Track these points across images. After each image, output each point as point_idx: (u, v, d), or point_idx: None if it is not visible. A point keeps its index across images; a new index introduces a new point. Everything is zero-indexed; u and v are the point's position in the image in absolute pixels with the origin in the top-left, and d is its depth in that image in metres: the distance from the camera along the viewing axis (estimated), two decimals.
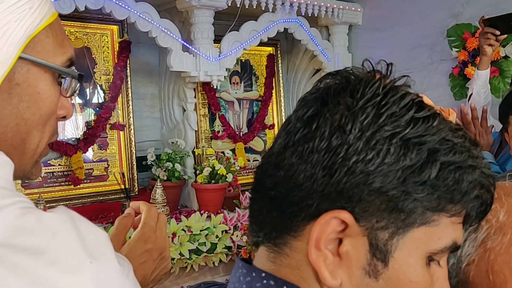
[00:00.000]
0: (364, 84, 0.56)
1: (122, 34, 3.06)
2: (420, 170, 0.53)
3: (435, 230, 0.55)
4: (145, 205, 1.00)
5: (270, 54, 3.78)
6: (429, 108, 0.56)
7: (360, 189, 0.53)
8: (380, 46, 3.47)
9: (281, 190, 0.56)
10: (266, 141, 3.78)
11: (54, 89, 0.68)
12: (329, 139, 0.54)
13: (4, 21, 0.61)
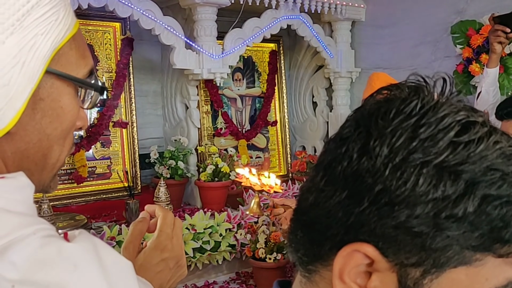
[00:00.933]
0: (400, 102, 0.50)
1: (124, 31, 3.04)
2: (454, 204, 0.47)
3: (479, 270, 0.49)
4: (161, 210, 0.98)
5: (273, 50, 3.76)
6: (479, 130, 0.48)
7: (384, 222, 0.48)
8: (383, 42, 3.46)
9: (311, 215, 0.54)
10: (268, 138, 3.77)
11: (75, 102, 0.67)
12: (357, 164, 0.50)
13: (31, 34, 0.59)
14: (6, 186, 0.57)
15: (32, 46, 0.59)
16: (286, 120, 3.84)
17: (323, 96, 3.77)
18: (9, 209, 0.55)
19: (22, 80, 0.58)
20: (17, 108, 0.59)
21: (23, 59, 0.58)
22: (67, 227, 2.50)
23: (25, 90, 0.59)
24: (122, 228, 2.43)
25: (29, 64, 0.59)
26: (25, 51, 0.58)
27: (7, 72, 0.57)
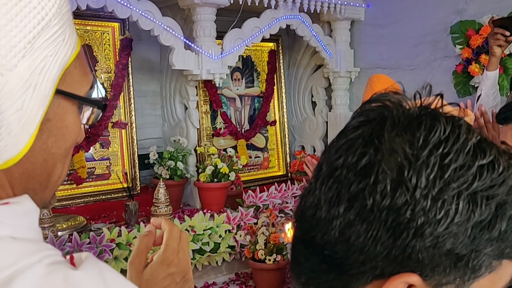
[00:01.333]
0: (424, 128, 0.52)
1: (123, 31, 3.03)
2: (490, 225, 0.50)
3: (497, 273, 0.54)
4: (167, 224, 0.96)
5: (272, 50, 3.76)
6: (489, 148, 0.52)
7: (431, 252, 0.50)
8: (383, 42, 3.45)
9: (337, 250, 0.53)
10: (267, 138, 3.76)
11: (79, 120, 0.66)
12: (392, 196, 0.49)
13: (41, 56, 0.57)
14: (11, 212, 0.57)
15: (43, 68, 0.58)
16: (285, 120, 3.84)
17: (322, 95, 3.77)
18: (15, 236, 0.55)
19: (35, 103, 0.58)
20: (31, 132, 0.58)
21: (35, 82, 0.57)
22: (66, 229, 2.50)
23: (38, 113, 0.58)
24: (122, 230, 2.43)
25: (40, 87, 0.58)
26: (36, 73, 0.57)
27: (20, 96, 0.56)
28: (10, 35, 0.54)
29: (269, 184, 3.38)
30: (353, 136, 0.54)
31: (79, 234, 2.39)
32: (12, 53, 0.55)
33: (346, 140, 0.54)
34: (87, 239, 2.30)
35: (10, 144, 0.57)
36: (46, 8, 0.58)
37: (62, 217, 2.65)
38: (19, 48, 0.55)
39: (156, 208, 2.68)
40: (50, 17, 0.59)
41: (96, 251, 2.28)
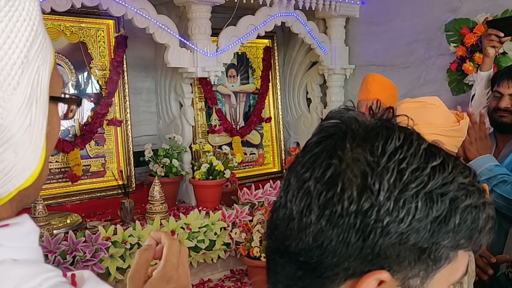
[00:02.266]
0: (381, 138, 0.57)
1: (118, 28, 3.02)
2: (446, 219, 0.55)
3: (455, 264, 0.59)
4: (167, 238, 0.95)
5: (267, 46, 3.76)
6: (437, 150, 0.59)
7: (397, 248, 0.54)
8: (377, 39, 3.46)
9: (312, 255, 0.56)
10: (263, 134, 3.77)
11: (59, 119, 0.66)
12: (359, 201, 0.54)
13: (35, 68, 0.57)
14: (11, 235, 0.57)
15: (38, 80, 0.57)
16: (280, 117, 3.85)
17: (317, 92, 3.78)
18: (16, 258, 0.55)
19: (39, 116, 0.58)
20: (42, 146, 0.59)
21: (35, 95, 0.57)
22: (62, 227, 2.50)
23: (43, 126, 0.59)
24: (117, 228, 2.44)
25: (39, 99, 0.58)
26: (35, 86, 0.57)
27: (27, 113, 0.56)
28: (9, 54, 0.53)
29: (264, 181, 3.39)
30: (317, 151, 0.59)
31: (74, 232, 2.40)
32: (13, 71, 0.54)
33: (311, 155, 0.59)
34: (83, 238, 2.30)
35: (28, 161, 0.57)
36: (33, 18, 0.57)
37: (57, 215, 2.66)
38: (18, 64, 0.54)
39: (151, 206, 2.69)
40: (37, 26, 0.58)
41: (92, 249, 2.29)
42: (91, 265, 2.27)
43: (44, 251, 2.16)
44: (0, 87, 0.53)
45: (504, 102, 2.22)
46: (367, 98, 2.41)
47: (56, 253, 2.20)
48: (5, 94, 0.53)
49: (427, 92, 3.20)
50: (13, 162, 0.56)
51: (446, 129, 1.76)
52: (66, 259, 2.21)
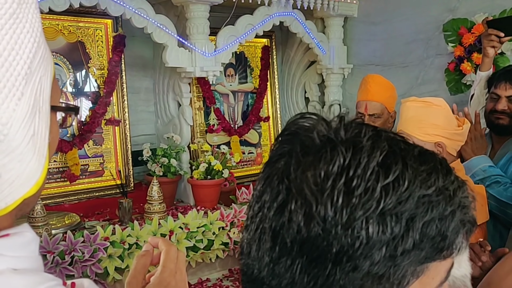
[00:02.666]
0: (325, 162, 0.53)
1: (116, 28, 3.02)
2: (403, 240, 0.52)
3: (428, 274, 0.55)
4: (165, 244, 0.96)
5: (265, 46, 3.76)
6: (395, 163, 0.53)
7: (351, 276, 0.51)
8: (376, 39, 3.46)
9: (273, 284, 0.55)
10: (261, 134, 3.77)
11: (58, 128, 0.67)
12: (307, 230, 0.52)
13: (37, 78, 0.58)
14: (11, 245, 0.57)
15: (41, 90, 0.58)
16: (278, 116, 3.85)
17: (315, 91, 3.78)
18: (16, 268, 0.56)
19: (42, 125, 0.59)
20: (45, 155, 0.60)
21: (38, 105, 0.58)
22: (60, 227, 2.50)
23: (46, 135, 0.59)
24: (115, 228, 2.44)
25: (42, 109, 0.58)
26: (38, 96, 0.58)
27: (31, 123, 0.56)
28: (13, 65, 0.54)
29: None
30: (270, 172, 0.57)
31: (73, 232, 2.40)
32: (18, 82, 0.55)
33: (267, 176, 0.57)
34: (81, 238, 2.30)
35: (33, 170, 0.58)
36: (35, 30, 0.58)
37: (55, 215, 2.66)
38: (22, 75, 0.55)
39: (149, 205, 2.69)
40: (39, 37, 0.59)
41: (90, 249, 2.29)
42: (90, 265, 2.27)
43: (42, 251, 2.16)
44: (6, 98, 0.54)
45: (501, 104, 2.22)
46: (366, 98, 2.42)
47: (55, 253, 2.19)
48: (10, 105, 0.54)
49: (425, 92, 3.21)
50: (18, 171, 0.56)
51: (450, 132, 1.77)
52: (65, 259, 2.21)
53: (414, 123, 1.81)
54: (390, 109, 2.41)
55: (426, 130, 1.78)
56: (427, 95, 3.26)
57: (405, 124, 1.84)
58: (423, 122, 1.79)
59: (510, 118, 2.23)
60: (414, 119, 1.81)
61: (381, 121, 2.38)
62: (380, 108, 2.38)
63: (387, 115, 2.40)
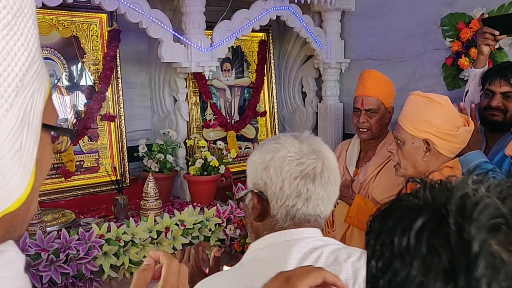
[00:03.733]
0: None
1: (111, 22, 2.99)
2: None
3: None
4: (166, 258, 0.93)
5: (262, 40, 3.73)
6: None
7: None
8: (373, 33, 3.44)
9: None
10: (258, 128, 3.76)
11: (51, 150, 0.66)
12: None
13: (30, 93, 0.57)
14: None
15: (32, 105, 0.57)
16: (275, 111, 3.83)
17: (313, 86, 3.76)
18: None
19: (30, 140, 0.57)
20: (31, 171, 0.58)
21: (28, 119, 0.56)
22: (55, 224, 2.48)
23: (33, 150, 0.58)
24: (111, 225, 2.42)
25: (32, 124, 0.57)
26: (28, 111, 0.56)
27: (18, 136, 0.55)
28: (4, 75, 0.53)
29: None
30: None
31: (68, 230, 2.39)
32: (7, 93, 0.54)
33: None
34: (76, 236, 2.29)
35: (16, 185, 0.56)
36: (30, 45, 0.57)
37: (50, 211, 2.64)
38: (12, 87, 0.54)
39: (145, 202, 2.67)
40: (34, 52, 0.58)
41: (85, 247, 2.27)
42: (85, 263, 2.26)
43: (37, 249, 2.15)
44: None
45: (495, 100, 2.20)
46: (363, 94, 2.40)
47: (49, 251, 2.18)
48: None
49: (423, 87, 3.18)
50: (1, 184, 0.55)
51: (442, 132, 1.74)
52: (59, 257, 2.20)
53: (407, 117, 1.81)
54: (387, 105, 2.39)
55: (416, 125, 1.77)
56: (424, 90, 3.21)
57: (401, 116, 1.85)
58: (416, 117, 1.78)
59: (504, 114, 2.21)
60: (409, 112, 1.81)
61: (377, 117, 2.36)
62: (377, 104, 2.36)
63: (384, 111, 2.38)
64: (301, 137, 1.20)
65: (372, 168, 2.32)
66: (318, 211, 1.17)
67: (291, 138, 1.18)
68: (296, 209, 1.15)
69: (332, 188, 1.18)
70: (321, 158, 1.16)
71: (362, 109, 2.37)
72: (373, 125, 2.35)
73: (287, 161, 1.14)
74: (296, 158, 1.15)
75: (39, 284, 2.14)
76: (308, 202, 1.15)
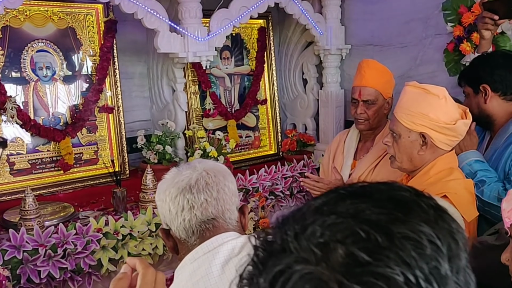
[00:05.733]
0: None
1: (107, 13, 2.96)
2: None
3: None
4: (141, 266, 0.92)
5: (261, 27, 3.68)
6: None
7: None
8: (374, 18, 3.38)
9: None
10: (258, 117, 3.73)
11: None
12: None
13: None
14: None
15: None
16: (276, 98, 3.79)
17: (313, 73, 3.71)
18: None
19: None
20: None
21: None
22: (54, 218, 2.48)
23: None
24: (109, 219, 2.42)
25: None
26: None
27: None
28: None
29: (261, 164, 3.36)
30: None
31: (66, 223, 2.39)
32: None
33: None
34: (74, 230, 2.28)
35: None
36: None
37: (50, 205, 2.64)
38: None
39: (144, 194, 2.66)
40: None
41: (83, 241, 2.27)
42: (83, 258, 2.26)
43: (34, 245, 2.15)
44: None
45: (464, 103, 2.16)
46: (360, 84, 2.36)
47: (47, 246, 2.18)
48: None
49: (424, 73, 3.14)
50: None
51: (438, 125, 1.70)
52: (57, 252, 2.20)
53: (403, 109, 1.75)
54: (386, 95, 2.34)
55: (412, 119, 1.72)
56: (425, 76, 3.20)
57: (397, 108, 1.79)
58: (412, 110, 1.73)
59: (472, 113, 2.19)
60: (405, 104, 1.75)
61: (375, 108, 2.32)
62: (375, 94, 2.31)
63: (382, 101, 2.33)
64: (186, 164, 1.27)
65: (370, 161, 2.29)
66: (210, 215, 1.19)
67: (174, 169, 1.27)
68: (189, 222, 1.19)
69: (215, 189, 1.20)
70: (196, 170, 1.21)
71: (360, 100, 2.33)
72: (370, 116, 2.31)
73: (165, 186, 1.21)
74: (172, 180, 1.20)
75: (38, 279, 2.15)
76: (193, 210, 1.18)
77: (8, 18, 2.67)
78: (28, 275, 2.13)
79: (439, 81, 2.74)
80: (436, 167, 1.75)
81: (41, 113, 2.79)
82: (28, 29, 2.75)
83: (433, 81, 2.92)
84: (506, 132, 2.10)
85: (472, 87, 2.18)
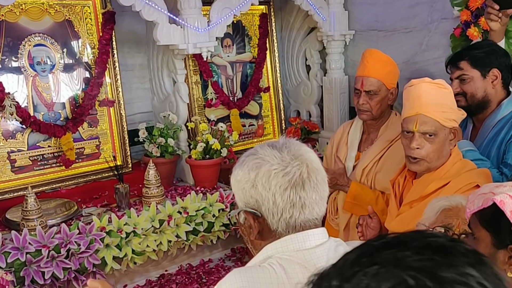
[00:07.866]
0: None
1: (104, 4, 2.89)
2: None
3: None
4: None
5: (263, 13, 3.60)
6: None
7: None
8: (378, 3, 3.29)
9: None
10: (261, 104, 3.67)
11: None
12: None
13: None
14: None
15: None
16: (279, 85, 3.73)
17: (317, 59, 3.65)
18: None
19: None
20: None
21: None
22: (57, 217, 2.46)
23: None
24: (112, 217, 2.39)
25: None
26: None
27: None
28: None
29: None
30: None
31: (69, 222, 2.37)
32: None
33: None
34: (77, 230, 2.26)
35: None
36: None
37: (52, 202, 2.62)
38: None
39: (147, 189, 2.64)
40: None
41: (87, 241, 2.25)
42: (87, 257, 2.24)
43: (37, 246, 2.13)
44: None
45: (453, 87, 2.11)
46: (363, 74, 2.30)
47: (50, 247, 2.16)
48: None
49: (430, 58, 3.07)
50: None
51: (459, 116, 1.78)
52: (61, 252, 2.18)
53: (434, 107, 1.68)
54: (389, 86, 2.28)
55: (447, 116, 1.70)
56: (431, 61, 3.13)
57: (426, 107, 1.69)
58: (444, 106, 1.69)
59: (465, 98, 2.14)
60: (434, 102, 1.69)
61: (378, 98, 2.26)
62: (377, 85, 2.25)
63: (386, 92, 2.27)
64: (279, 145, 1.14)
65: (374, 153, 2.25)
66: (315, 215, 1.14)
67: (269, 149, 1.13)
68: (295, 219, 1.12)
69: (322, 187, 1.14)
70: (304, 161, 1.12)
71: (362, 90, 2.27)
72: (373, 107, 2.25)
73: (273, 174, 1.09)
74: (281, 169, 1.10)
75: (42, 280, 2.13)
76: (303, 209, 1.12)
77: (4, 13, 2.61)
78: (32, 276, 2.12)
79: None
80: (451, 159, 1.75)
81: (41, 108, 2.75)
82: (24, 23, 2.69)
83: (439, 67, 2.86)
84: (495, 119, 2.10)
85: (480, 71, 2.14)
